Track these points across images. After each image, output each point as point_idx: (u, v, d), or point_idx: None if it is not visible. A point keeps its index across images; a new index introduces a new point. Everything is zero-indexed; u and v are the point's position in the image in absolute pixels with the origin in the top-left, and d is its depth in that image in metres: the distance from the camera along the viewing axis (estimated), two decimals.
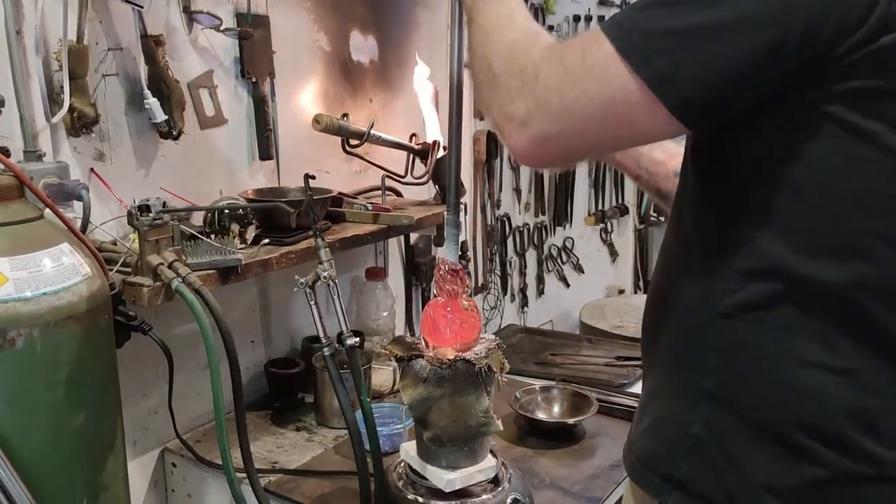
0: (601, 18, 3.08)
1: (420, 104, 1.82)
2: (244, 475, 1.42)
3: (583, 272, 3.22)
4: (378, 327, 1.95)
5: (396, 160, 1.87)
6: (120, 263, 1.25)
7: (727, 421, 0.83)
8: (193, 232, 1.37)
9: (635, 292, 3.51)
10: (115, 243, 1.34)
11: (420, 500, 1.20)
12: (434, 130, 1.79)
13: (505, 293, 2.77)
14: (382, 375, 1.77)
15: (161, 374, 1.35)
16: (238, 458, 1.48)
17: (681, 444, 0.86)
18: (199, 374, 1.62)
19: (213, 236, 1.40)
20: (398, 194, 1.95)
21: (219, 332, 1.22)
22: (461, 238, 1.99)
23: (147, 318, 1.24)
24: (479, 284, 2.61)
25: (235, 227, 1.46)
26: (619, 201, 3.48)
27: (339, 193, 1.73)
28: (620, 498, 1.30)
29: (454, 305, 1.18)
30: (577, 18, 2.97)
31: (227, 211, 1.44)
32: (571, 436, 1.55)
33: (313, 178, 1.39)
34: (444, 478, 1.18)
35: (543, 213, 2.96)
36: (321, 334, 1.31)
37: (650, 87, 0.74)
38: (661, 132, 0.80)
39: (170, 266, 1.20)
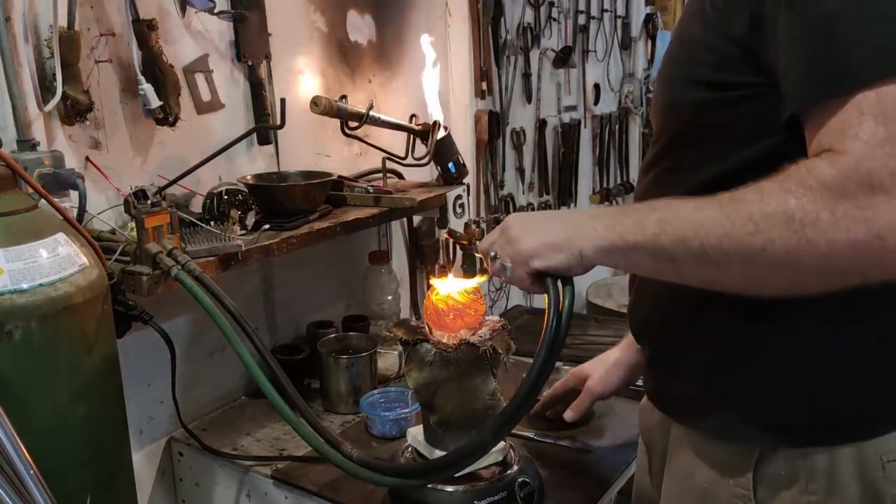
0: None
1: (424, 86, 1.79)
2: (252, 463, 1.41)
3: None
4: (383, 311, 1.93)
5: (397, 142, 1.85)
6: (118, 252, 1.23)
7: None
8: (192, 219, 1.35)
9: None
10: (113, 232, 1.32)
11: (428, 484, 1.18)
12: (435, 110, 1.76)
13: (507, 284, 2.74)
14: (388, 360, 1.76)
15: (165, 364, 1.34)
16: (247, 445, 1.48)
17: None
18: (203, 362, 1.62)
19: (212, 223, 1.38)
20: (400, 176, 1.93)
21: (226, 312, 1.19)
22: (465, 219, 1.96)
23: (148, 307, 1.23)
24: (485, 266, 2.59)
25: (235, 214, 1.44)
26: (624, 179, 3.45)
27: (340, 177, 1.71)
28: (632, 476, 1.28)
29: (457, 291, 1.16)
30: None
31: (226, 197, 1.42)
32: (583, 416, 1.53)
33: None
34: None
35: (548, 193, 2.93)
36: None
37: None
38: None
39: (169, 254, 1.18)
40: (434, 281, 1.19)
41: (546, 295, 0.92)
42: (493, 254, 0.96)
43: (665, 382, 1.03)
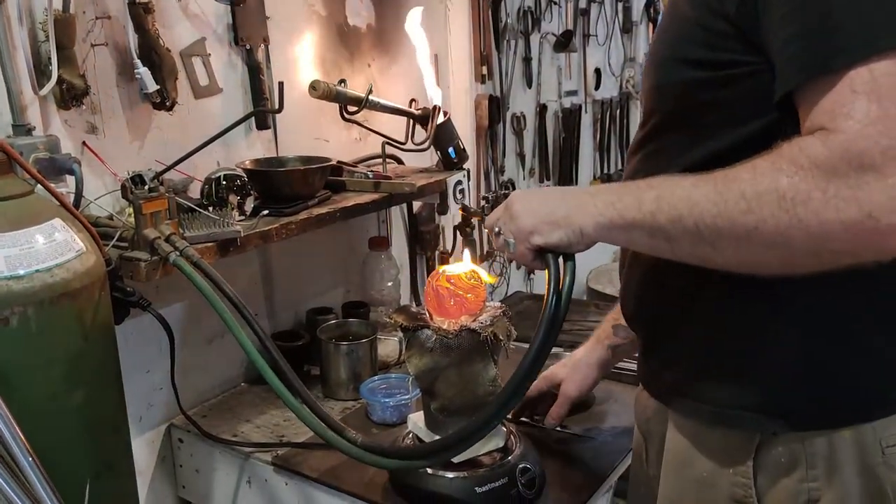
0: None
1: (420, 69, 1.78)
2: (252, 450, 1.41)
3: None
4: (383, 298, 1.93)
5: (396, 127, 1.83)
6: (116, 238, 1.22)
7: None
8: (191, 204, 1.34)
9: None
10: (110, 218, 1.31)
11: (429, 470, 1.18)
12: (434, 95, 1.75)
13: (511, 260, 2.74)
14: (388, 346, 1.75)
15: (164, 350, 1.33)
16: (247, 431, 1.48)
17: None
18: (202, 348, 1.61)
19: (210, 208, 1.37)
20: (399, 162, 1.91)
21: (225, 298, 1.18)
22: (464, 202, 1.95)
23: (146, 293, 1.22)
24: (485, 252, 2.58)
25: (234, 199, 1.43)
26: (625, 165, 3.43)
27: (339, 162, 1.70)
28: (631, 464, 1.28)
29: (457, 277, 1.15)
30: None
31: (224, 182, 1.40)
32: (580, 403, 1.53)
33: None
34: None
35: (548, 178, 2.92)
36: None
37: None
38: None
39: (167, 240, 1.17)
40: (446, 266, 1.18)
41: (546, 271, 0.92)
42: (496, 229, 0.96)
43: (659, 369, 1.02)
